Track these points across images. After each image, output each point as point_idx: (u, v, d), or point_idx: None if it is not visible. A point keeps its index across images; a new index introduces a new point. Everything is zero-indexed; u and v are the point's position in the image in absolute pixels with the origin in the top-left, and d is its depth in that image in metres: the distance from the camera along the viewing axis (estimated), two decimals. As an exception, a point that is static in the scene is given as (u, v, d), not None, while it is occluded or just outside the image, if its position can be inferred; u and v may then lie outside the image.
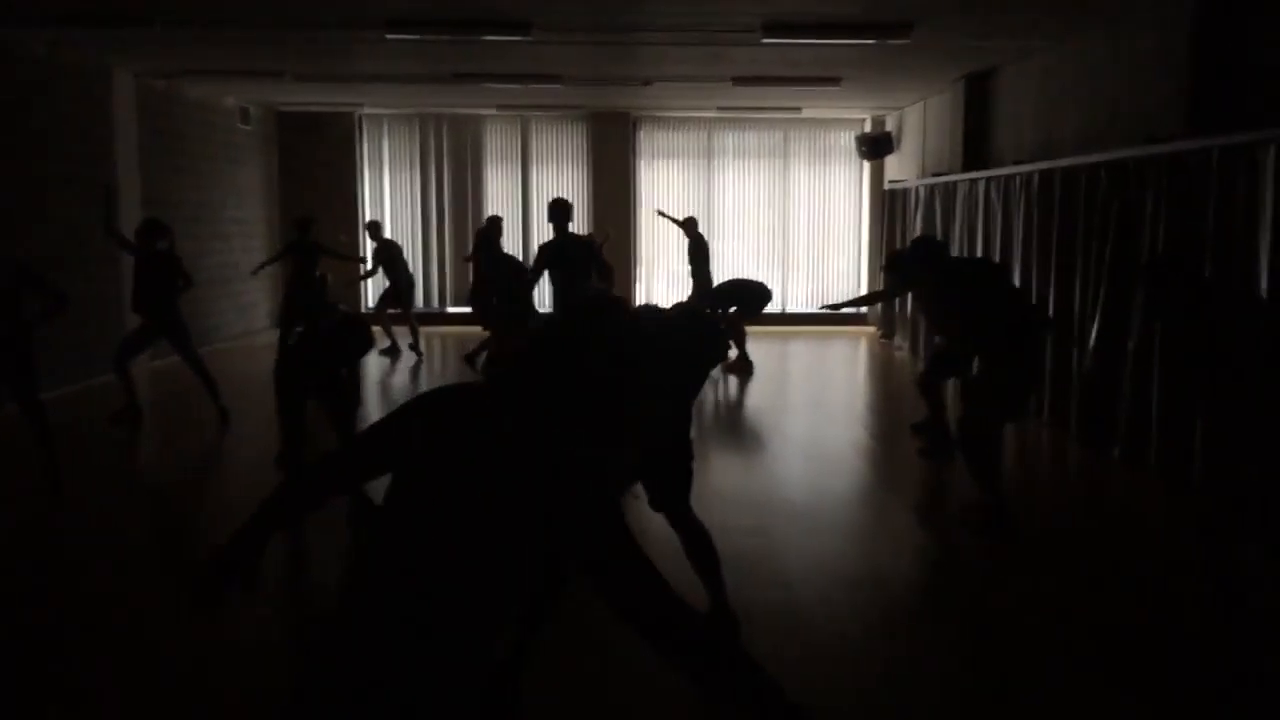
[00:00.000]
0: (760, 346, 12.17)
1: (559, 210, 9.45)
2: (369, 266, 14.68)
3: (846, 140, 17.32)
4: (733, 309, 11.64)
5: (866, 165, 17.08)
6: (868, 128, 17.04)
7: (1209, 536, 5.01)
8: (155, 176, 12.95)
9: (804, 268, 17.64)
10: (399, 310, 13.84)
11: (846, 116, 17.16)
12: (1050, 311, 9.05)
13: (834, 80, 12.52)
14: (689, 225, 13.59)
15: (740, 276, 12.71)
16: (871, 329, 16.44)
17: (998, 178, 10.72)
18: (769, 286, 11.73)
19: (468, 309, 13.26)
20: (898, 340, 14.54)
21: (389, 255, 14.02)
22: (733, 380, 11.80)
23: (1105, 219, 8.08)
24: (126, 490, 7.55)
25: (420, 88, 14.47)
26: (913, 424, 8.78)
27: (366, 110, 17.04)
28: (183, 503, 7.27)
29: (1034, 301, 8.98)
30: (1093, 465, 8.07)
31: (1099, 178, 8.21)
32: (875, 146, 16.16)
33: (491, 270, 11.77)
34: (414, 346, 13.49)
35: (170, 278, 9.23)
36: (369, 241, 14.60)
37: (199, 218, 13.97)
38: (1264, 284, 6.20)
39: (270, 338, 15.50)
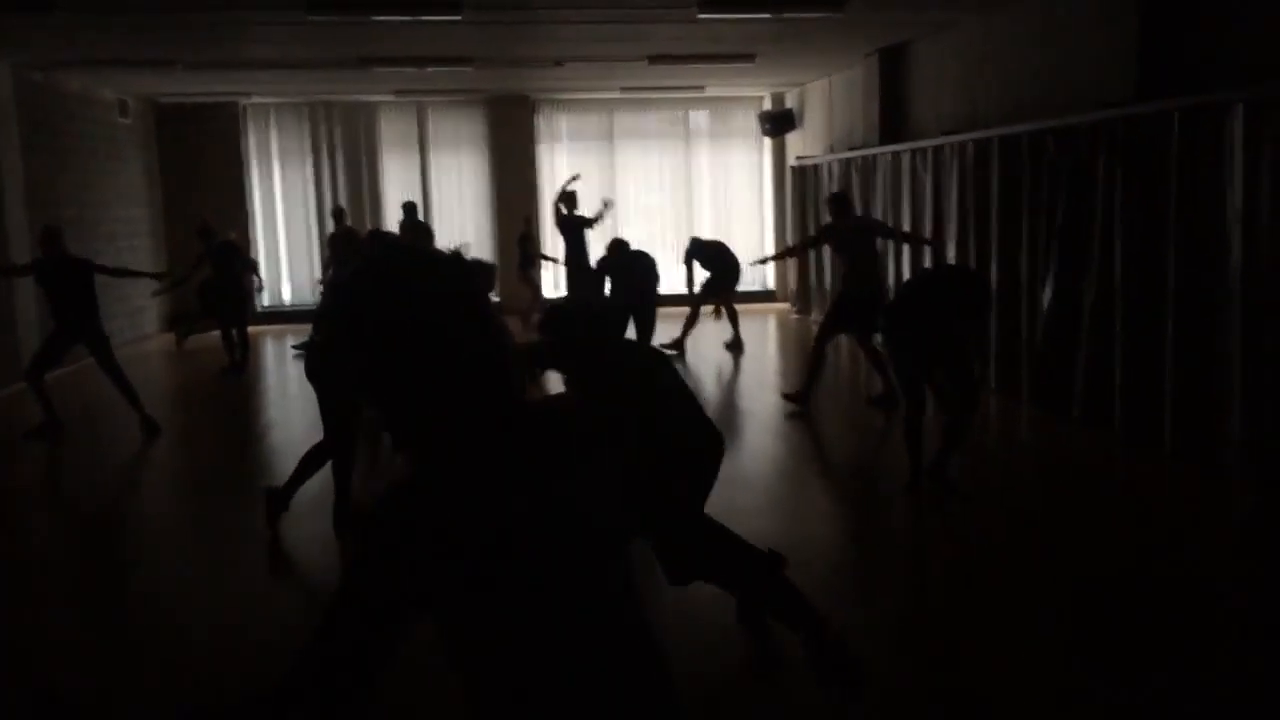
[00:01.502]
0: (672, 327, 11.85)
1: None
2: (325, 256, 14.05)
3: (746, 118, 17.34)
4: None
5: (768, 143, 17.15)
6: (767, 105, 17.10)
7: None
8: (38, 176, 12.08)
9: (709, 247, 17.60)
10: None
11: (746, 94, 17.17)
12: (994, 280, 9.24)
13: (749, 57, 12.47)
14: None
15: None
16: (783, 305, 16.55)
17: (923, 149, 10.84)
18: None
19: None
20: (815, 315, 14.62)
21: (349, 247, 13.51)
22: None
23: (1055, 186, 8.20)
24: (57, 514, 7.00)
25: (310, 74, 13.85)
26: (870, 396, 8.88)
27: (252, 100, 16.26)
28: (118, 525, 6.76)
29: None
30: (1052, 428, 8.22)
31: (1045, 145, 8.33)
32: (778, 123, 16.24)
33: None
34: None
35: (84, 283, 8.60)
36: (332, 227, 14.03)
37: (84, 219, 13.09)
38: (1237, 248, 6.36)
39: (161, 342, 14.70)
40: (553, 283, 16.19)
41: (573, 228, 12.66)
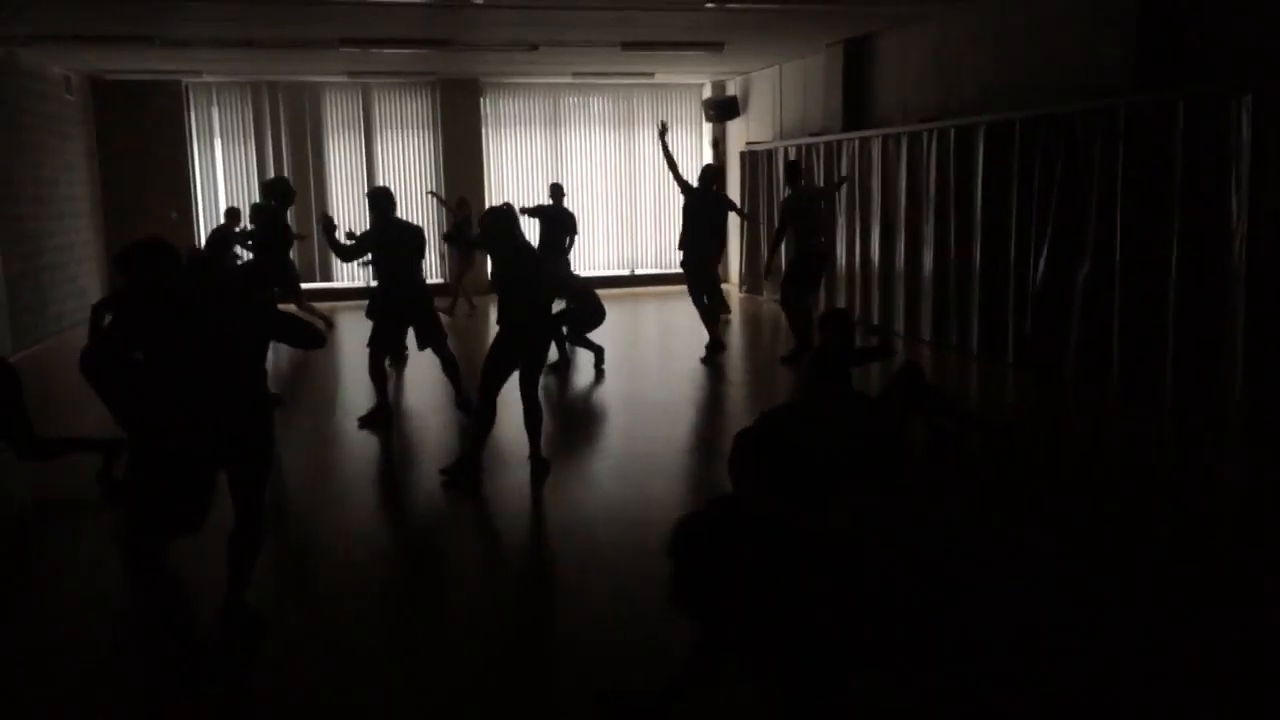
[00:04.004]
0: (619, 312, 11.74)
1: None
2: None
3: (687, 104, 17.83)
4: None
5: (707, 129, 17.66)
6: (707, 92, 17.59)
7: None
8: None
9: (651, 230, 18.07)
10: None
11: (688, 82, 17.63)
12: (977, 259, 9.93)
13: (719, 45, 12.90)
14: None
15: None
16: (727, 285, 17.05)
17: (895, 135, 11.44)
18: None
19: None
20: (767, 295, 15.14)
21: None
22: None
23: (1048, 171, 8.86)
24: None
25: (267, 53, 13.67)
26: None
27: (194, 78, 15.94)
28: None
29: None
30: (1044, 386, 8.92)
31: (1038, 131, 8.97)
32: (723, 110, 16.76)
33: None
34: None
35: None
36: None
37: (40, 197, 12.74)
38: (1241, 237, 7.04)
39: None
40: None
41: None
